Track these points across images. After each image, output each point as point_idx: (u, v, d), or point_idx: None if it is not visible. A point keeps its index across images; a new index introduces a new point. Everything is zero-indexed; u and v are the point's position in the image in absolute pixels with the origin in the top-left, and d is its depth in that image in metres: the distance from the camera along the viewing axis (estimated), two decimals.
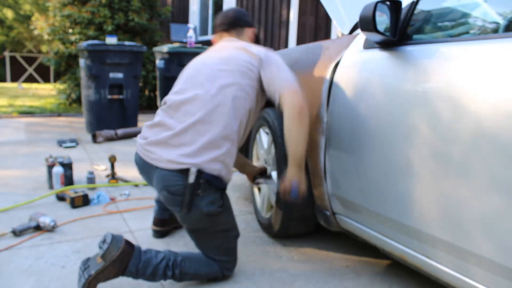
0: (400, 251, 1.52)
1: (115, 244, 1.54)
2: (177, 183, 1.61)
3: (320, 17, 5.33)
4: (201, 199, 1.62)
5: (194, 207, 1.62)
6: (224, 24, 2.00)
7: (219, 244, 1.74)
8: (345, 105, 1.69)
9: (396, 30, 1.52)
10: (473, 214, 1.21)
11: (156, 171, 1.67)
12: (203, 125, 1.64)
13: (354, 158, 1.65)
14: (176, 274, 1.65)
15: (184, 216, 1.66)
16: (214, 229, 1.70)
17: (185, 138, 1.64)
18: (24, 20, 14.32)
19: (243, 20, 2.02)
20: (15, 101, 8.88)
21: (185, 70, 1.87)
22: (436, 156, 1.31)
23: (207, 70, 1.76)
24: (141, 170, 1.81)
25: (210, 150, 1.62)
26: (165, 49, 5.28)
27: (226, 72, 1.72)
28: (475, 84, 1.20)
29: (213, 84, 1.70)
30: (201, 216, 1.64)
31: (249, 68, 1.75)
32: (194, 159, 1.60)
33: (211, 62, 1.79)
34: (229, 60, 1.76)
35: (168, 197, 1.64)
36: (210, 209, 1.64)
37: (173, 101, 1.73)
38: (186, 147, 1.63)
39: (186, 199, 1.61)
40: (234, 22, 2.00)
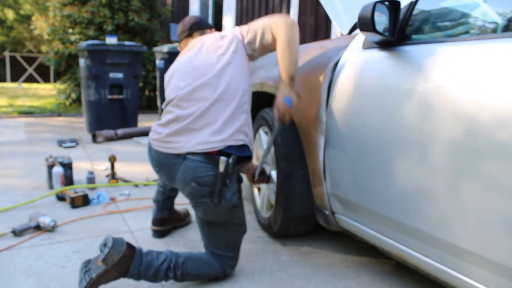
0: (399, 251, 1.53)
1: (117, 248, 1.54)
2: (207, 173, 1.63)
3: (320, 17, 5.33)
4: (227, 189, 1.66)
5: (223, 197, 1.65)
6: (186, 30, 2.07)
7: (228, 239, 1.76)
8: (344, 105, 1.70)
9: (395, 30, 1.52)
10: (472, 214, 1.22)
11: (182, 164, 1.67)
12: (221, 103, 1.70)
13: (353, 158, 1.65)
14: (178, 275, 1.66)
15: (211, 207, 1.66)
16: (231, 222, 1.74)
17: (207, 119, 1.68)
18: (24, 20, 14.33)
19: (202, 23, 2.08)
20: (15, 101, 8.88)
21: (171, 73, 1.89)
22: (435, 156, 1.31)
23: (198, 62, 1.80)
24: (160, 167, 1.79)
25: (232, 123, 1.69)
26: (165, 49, 5.28)
27: (217, 56, 1.78)
28: (474, 84, 1.21)
29: (213, 68, 1.75)
30: (226, 207, 1.67)
31: (232, 43, 1.81)
32: (221, 135, 1.66)
33: (196, 56, 1.83)
34: (211, 47, 1.82)
35: (196, 189, 1.65)
36: (233, 200, 1.68)
37: (183, 94, 1.74)
38: (211, 126, 1.67)
39: (217, 189, 1.63)
40: (194, 26, 2.06)
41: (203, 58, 1.80)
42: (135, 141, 4.85)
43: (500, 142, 1.13)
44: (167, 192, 2.16)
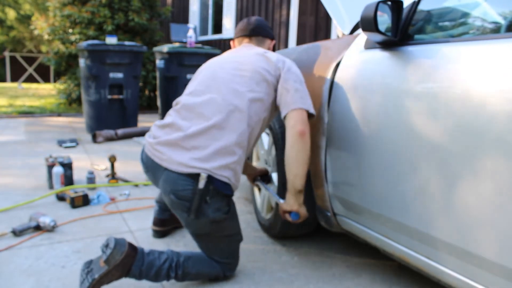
0: (401, 252, 1.52)
1: (119, 249, 1.53)
2: (186, 187, 1.57)
3: (320, 17, 5.33)
4: (208, 206, 1.60)
5: (201, 213, 1.60)
6: (247, 30, 1.97)
7: (223, 248, 1.73)
8: (346, 105, 1.69)
9: (398, 30, 1.52)
10: (474, 215, 1.21)
11: (164, 173, 1.63)
12: (218, 131, 1.60)
13: (355, 159, 1.65)
14: (179, 275, 1.65)
15: (190, 222, 1.64)
16: (219, 234, 1.69)
17: (198, 142, 1.60)
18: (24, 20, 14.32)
19: (266, 30, 2.00)
20: (15, 101, 8.88)
21: (201, 70, 1.84)
22: (437, 157, 1.30)
23: (223, 73, 1.73)
24: (147, 170, 1.75)
25: (223, 156, 1.59)
26: (165, 49, 5.28)
27: (243, 78, 1.70)
28: (476, 84, 1.20)
29: (230, 89, 1.67)
30: (206, 222, 1.62)
31: (266, 75, 1.72)
32: (205, 164, 1.57)
33: (228, 66, 1.76)
34: (247, 65, 1.74)
35: (174, 201, 1.61)
36: (216, 215, 1.62)
37: (187, 103, 1.70)
38: (198, 151, 1.59)
39: (195, 205, 1.57)
40: (256, 29, 1.97)
41: (230, 71, 1.72)
42: (135, 141, 4.84)
43: (503, 143, 1.12)
44: None
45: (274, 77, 1.73)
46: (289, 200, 1.67)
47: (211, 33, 8.34)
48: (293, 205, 1.67)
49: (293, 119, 1.63)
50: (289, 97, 1.67)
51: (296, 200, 1.66)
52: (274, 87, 1.74)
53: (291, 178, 1.64)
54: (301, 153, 1.62)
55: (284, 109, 1.67)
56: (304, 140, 1.62)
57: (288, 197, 1.68)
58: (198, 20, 8.69)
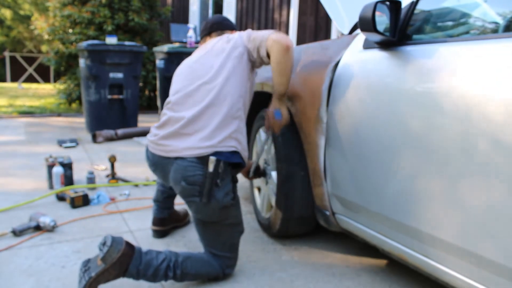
0: (400, 251, 1.53)
1: (115, 247, 1.54)
2: (196, 172, 1.63)
3: (320, 17, 5.33)
4: (218, 189, 1.66)
5: (212, 197, 1.65)
6: (206, 29, 2.10)
7: (225, 239, 1.76)
8: (345, 105, 1.70)
9: (396, 30, 1.52)
10: (473, 214, 1.22)
11: (174, 163, 1.68)
12: (212, 108, 1.70)
13: (354, 158, 1.65)
14: (177, 275, 1.66)
15: (201, 207, 1.67)
16: (225, 222, 1.73)
17: (198, 124, 1.69)
18: (24, 20, 14.32)
19: (223, 23, 2.10)
20: (15, 101, 8.88)
21: (177, 72, 1.93)
22: (435, 156, 1.31)
23: (199, 64, 1.83)
24: (155, 168, 1.81)
25: (223, 129, 1.69)
26: (165, 49, 5.28)
27: (218, 59, 1.80)
28: (475, 84, 1.20)
29: (210, 72, 1.77)
30: (217, 207, 1.67)
31: (235, 48, 1.82)
32: (211, 141, 1.65)
33: (200, 57, 1.86)
34: (216, 50, 1.85)
35: (186, 188, 1.65)
36: (225, 200, 1.68)
37: (177, 98, 1.78)
38: (201, 132, 1.67)
39: (206, 188, 1.63)
40: (214, 26, 2.09)
41: (204, 61, 1.83)
42: (135, 141, 4.84)
43: (501, 142, 1.12)
44: (167, 191, 2.16)
45: (241, 45, 1.83)
46: (274, 102, 1.86)
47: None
48: (276, 105, 1.85)
49: (274, 40, 1.75)
50: (258, 39, 1.80)
51: (280, 101, 1.85)
52: (246, 57, 1.83)
53: (276, 85, 1.81)
54: (287, 65, 1.77)
55: (263, 47, 1.79)
56: (290, 53, 1.75)
57: (273, 100, 1.87)
58: (198, 20, 8.69)
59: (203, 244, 1.79)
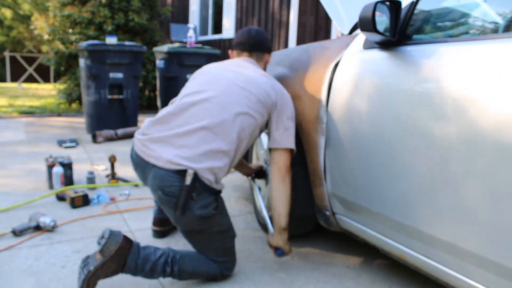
0: (400, 251, 1.53)
1: (113, 239, 1.55)
2: (173, 184, 1.59)
3: (320, 17, 5.33)
4: (194, 202, 1.61)
5: (188, 210, 1.61)
6: (247, 45, 1.97)
7: (216, 246, 1.74)
8: (344, 105, 1.70)
9: (396, 30, 1.52)
10: (473, 214, 1.22)
11: (153, 169, 1.65)
12: (209, 134, 1.64)
13: (354, 158, 1.65)
14: (175, 271, 1.65)
15: (177, 218, 1.64)
16: (209, 230, 1.70)
17: (188, 141, 1.63)
18: (24, 20, 14.32)
19: (266, 45, 2.01)
20: (15, 101, 8.88)
21: (201, 73, 1.86)
22: (435, 156, 1.31)
23: (225, 81, 1.76)
24: (136, 167, 1.77)
25: (209, 159, 1.62)
26: (165, 49, 5.28)
27: (245, 92, 1.74)
28: (475, 84, 1.20)
29: (229, 98, 1.71)
30: (194, 219, 1.63)
31: (265, 98, 1.77)
32: (192, 163, 1.59)
33: (231, 75, 1.79)
34: (251, 82, 1.78)
35: (162, 197, 1.62)
36: (203, 212, 1.62)
37: (183, 102, 1.73)
38: (187, 150, 1.62)
39: (181, 201, 1.59)
40: (257, 45, 1.98)
41: (234, 79, 1.76)
42: None
43: (501, 143, 1.12)
44: None
45: (271, 102, 1.79)
46: (275, 237, 1.82)
47: (211, 33, 8.34)
48: (278, 242, 1.82)
49: (277, 163, 1.78)
50: (278, 135, 1.79)
51: (281, 237, 1.81)
52: (268, 111, 1.80)
53: (276, 217, 1.79)
54: (284, 195, 1.77)
55: (272, 143, 1.80)
56: (286, 182, 1.78)
57: (274, 235, 1.83)
58: (198, 20, 8.69)
59: (196, 251, 1.77)
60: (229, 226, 1.78)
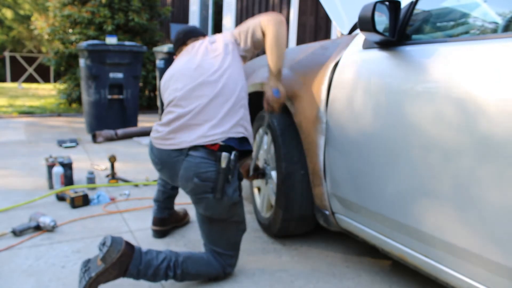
0: (399, 251, 1.53)
1: (115, 247, 1.54)
2: (209, 169, 1.64)
3: (320, 17, 5.33)
4: (229, 185, 1.67)
5: (225, 193, 1.66)
6: (180, 39, 2.10)
7: (229, 237, 1.77)
8: (344, 105, 1.70)
9: (395, 30, 1.52)
10: (472, 213, 1.22)
11: (185, 160, 1.68)
12: (219, 98, 1.74)
13: (354, 158, 1.65)
14: (178, 275, 1.66)
15: (213, 203, 1.67)
16: (231, 219, 1.75)
17: (207, 114, 1.71)
18: (24, 20, 14.32)
19: (197, 31, 2.12)
20: (15, 101, 8.88)
21: (169, 76, 1.90)
22: (435, 156, 1.31)
23: (195, 64, 1.83)
24: (162, 165, 1.79)
25: (231, 117, 1.73)
26: (165, 49, 5.28)
27: (215, 57, 1.84)
28: (474, 84, 1.21)
29: (211, 69, 1.80)
30: (228, 203, 1.69)
31: (226, 45, 1.88)
32: (221, 128, 1.69)
33: (193, 59, 1.86)
34: (205, 50, 1.87)
35: (199, 184, 1.66)
36: (235, 196, 1.70)
37: (182, 93, 1.77)
38: (210, 121, 1.70)
39: (220, 184, 1.64)
40: (188, 34, 2.09)
41: (200, 60, 1.84)
42: (135, 141, 4.85)
43: (501, 142, 1.12)
44: (168, 191, 2.16)
45: (231, 44, 1.90)
46: (273, 81, 1.91)
47: (211, 33, 8.34)
48: (276, 83, 1.90)
49: (268, 19, 1.86)
50: (249, 27, 1.90)
51: (277, 79, 1.91)
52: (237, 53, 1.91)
53: (274, 60, 1.87)
54: (284, 38, 1.86)
55: (258, 31, 1.89)
56: (284, 26, 1.86)
57: (271, 79, 1.91)
58: (198, 20, 8.69)
59: (206, 242, 1.79)
60: (244, 217, 1.84)
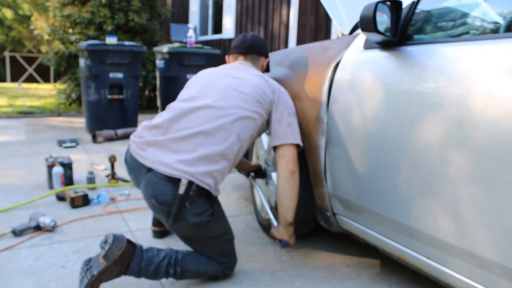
0: (400, 252, 1.52)
1: (117, 244, 1.54)
2: (166, 192, 1.57)
3: (320, 17, 5.33)
4: (188, 211, 1.59)
5: (181, 218, 1.60)
6: (242, 48, 1.99)
7: (213, 249, 1.73)
8: (345, 105, 1.69)
9: (397, 30, 1.52)
10: (474, 215, 1.21)
11: (146, 175, 1.63)
12: (207, 138, 1.63)
13: (355, 159, 1.65)
14: (178, 272, 1.66)
15: (170, 226, 1.64)
16: (206, 236, 1.69)
17: (186, 146, 1.62)
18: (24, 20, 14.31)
19: (262, 48, 2.02)
20: (15, 101, 8.87)
21: (197, 79, 1.86)
22: (436, 157, 1.31)
23: (222, 86, 1.76)
24: (130, 171, 1.74)
25: (207, 163, 1.60)
26: (165, 49, 5.28)
27: (241, 94, 1.74)
28: (475, 84, 1.20)
29: (226, 102, 1.70)
30: (188, 226, 1.62)
31: (263, 98, 1.77)
32: (189, 168, 1.57)
33: (228, 80, 1.79)
34: (247, 84, 1.78)
35: (155, 205, 1.61)
36: (198, 219, 1.61)
37: (180, 107, 1.71)
38: (184, 154, 1.60)
39: (174, 210, 1.58)
40: (252, 48, 1.99)
41: (230, 84, 1.76)
42: None
43: (501, 143, 1.12)
44: None
45: (269, 101, 1.80)
46: (281, 230, 1.83)
47: (211, 33, 8.34)
48: (283, 236, 1.83)
49: (285, 157, 1.75)
50: (281, 130, 1.77)
51: (287, 231, 1.82)
52: (267, 111, 1.80)
53: (282, 212, 1.78)
54: (292, 190, 1.76)
55: (276, 140, 1.78)
56: (295, 177, 1.75)
57: (279, 228, 1.84)
58: (198, 20, 8.69)
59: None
60: (226, 229, 1.76)
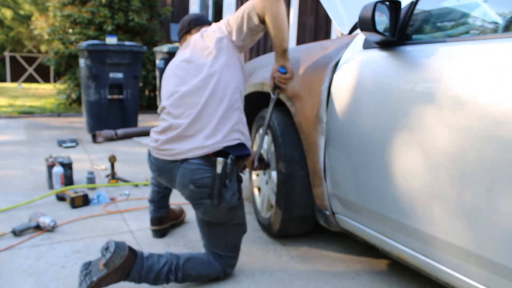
0: (399, 251, 1.53)
1: (119, 253, 1.53)
2: (205, 175, 1.63)
3: (320, 17, 5.33)
4: (226, 190, 1.66)
5: (222, 198, 1.65)
6: (184, 27, 2.08)
7: (229, 239, 1.77)
8: (344, 105, 1.70)
9: (396, 30, 1.52)
10: (473, 214, 1.22)
11: (181, 167, 1.68)
12: (211, 105, 1.71)
13: (354, 158, 1.65)
14: (179, 277, 1.66)
15: (211, 209, 1.67)
16: (231, 222, 1.74)
17: (200, 124, 1.69)
18: (24, 20, 14.32)
19: (201, 19, 2.09)
20: (15, 101, 8.88)
21: (167, 73, 1.92)
22: (435, 156, 1.31)
23: (188, 63, 1.82)
24: (160, 172, 1.80)
25: (224, 123, 1.69)
26: (165, 49, 5.29)
27: (206, 56, 1.79)
28: (474, 84, 1.21)
29: (202, 70, 1.77)
30: (225, 208, 1.68)
31: (220, 40, 1.81)
32: (215, 138, 1.66)
33: (188, 56, 1.85)
34: (201, 47, 1.83)
35: (195, 191, 1.65)
36: (233, 200, 1.68)
37: (172, 103, 1.76)
38: (204, 131, 1.68)
39: (216, 190, 1.63)
40: (192, 22, 2.07)
41: (193, 59, 1.82)
42: (135, 141, 4.85)
43: (501, 142, 1.12)
44: (162, 191, 2.17)
45: (226, 38, 1.82)
46: (278, 59, 1.85)
47: None
48: (283, 62, 1.85)
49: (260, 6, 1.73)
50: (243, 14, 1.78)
51: (283, 57, 1.84)
52: (232, 45, 1.83)
53: (278, 43, 1.80)
54: (284, 16, 1.77)
55: (253, 16, 1.76)
56: (281, 4, 1.75)
57: (277, 57, 1.85)
58: None
59: (206, 244, 1.79)
60: (245, 219, 1.83)
